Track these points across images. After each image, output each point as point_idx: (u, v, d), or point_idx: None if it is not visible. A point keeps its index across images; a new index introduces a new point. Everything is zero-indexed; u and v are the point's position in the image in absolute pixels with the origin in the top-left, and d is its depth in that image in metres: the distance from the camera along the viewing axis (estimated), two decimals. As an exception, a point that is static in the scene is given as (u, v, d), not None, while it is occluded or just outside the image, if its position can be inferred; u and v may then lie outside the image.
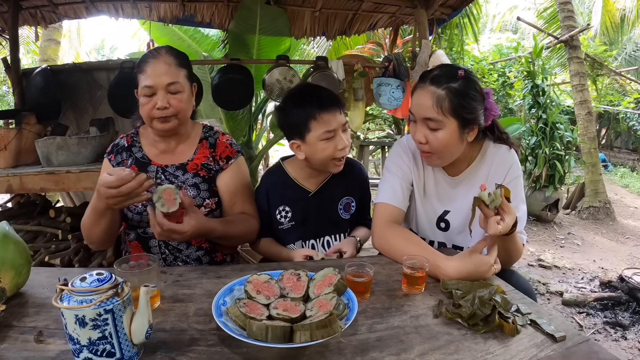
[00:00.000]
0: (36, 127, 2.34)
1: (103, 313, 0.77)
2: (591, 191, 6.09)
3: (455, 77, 1.30)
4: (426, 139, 1.32)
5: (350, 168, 1.63)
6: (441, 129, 1.30)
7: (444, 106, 1.27)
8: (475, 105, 1.31)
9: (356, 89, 3.50)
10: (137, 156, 1.50)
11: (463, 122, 1.30)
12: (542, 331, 0.94)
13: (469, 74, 1.34)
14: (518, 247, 1.30)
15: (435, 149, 1.33)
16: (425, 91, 1.31)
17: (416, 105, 1.34)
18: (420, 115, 1.32)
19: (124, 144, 1.53)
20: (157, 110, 1.38)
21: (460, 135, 1.32)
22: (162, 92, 1.38)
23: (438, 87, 1.28)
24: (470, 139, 1.36)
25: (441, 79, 1.29)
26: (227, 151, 1.55)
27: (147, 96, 1.38)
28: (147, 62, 1.39)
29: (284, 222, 1.58)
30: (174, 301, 1.06)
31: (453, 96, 1.27)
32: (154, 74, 1.37)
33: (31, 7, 3.30)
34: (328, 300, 0.93)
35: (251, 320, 0.85)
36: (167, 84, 1.38)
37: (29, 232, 2.20)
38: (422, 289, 1.12)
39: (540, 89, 5.57)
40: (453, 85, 1.28)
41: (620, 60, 12.07)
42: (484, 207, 1.13)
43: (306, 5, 3.68)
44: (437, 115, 1.28)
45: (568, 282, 3.82)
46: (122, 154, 1.50)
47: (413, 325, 0.95)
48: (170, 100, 1.39)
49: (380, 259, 1.38)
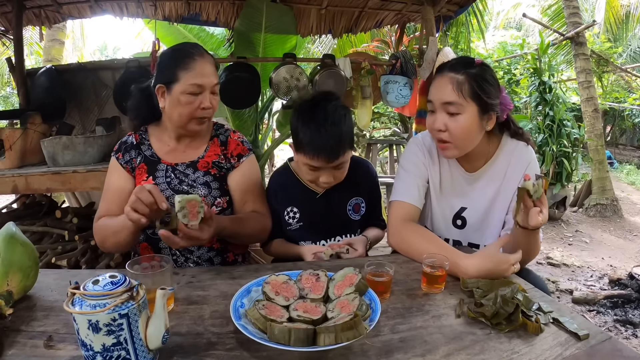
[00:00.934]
0: (41, 127, 2.31)
1: (118, 318, 0.73)
2: (598, 188, 6.05)
3: (472, 64, 1.32)
4: (446, 127, 1.31)
5: (357, 167, 1.60)
6: (461, 114, 1.29)
7: (464, 89, 1.28)
8: (493, 90, 1.31)
9: (363, 87, 3.46)
10: (146, 154, 1.47)
11: (483, 106, 1.30)
12: (565, 329, 0.92)
13: (485, 62, 1.35)
14: (538, 244, 1.29)
15: (455, 136, 1.31)
16: (445, 77, 1.31)
17: (435, 91, 1.33)
18: (440, 99, 1.31)
19: (133, 141, 1.50)
20: (201, 110, 1.36)
21: (480, 121, 1.31)
22: (207, 92, 1.36)
23: (457, 73, 1.29)
24: (489, 127, 1.35)
25: (459, 66, 1.31)
26: (239, 149, 1.53)
27: (193, 94, 1.35)
28: (194, 59, 1.35)
29: (292, 222, 1.55)
30: (188, 303, 1.03)
31: (472, 80, 1.28)
32: (204, 73, 1.35)
33: (35, 6, 3.28)
34: (350, 300, 0.90)
35: (272, 323, 0.82)
36: (215, 84, 1.38)
37: (35, 233, 2.17)
38: (442, 288, 1.09)
39: (547, 86, 5.53)
40: (471, 70, 1.29)
41: (626, 57, 11.98)
42: (527, 198, 1.11)
43: (312, 2, 3.65)
44: (457, 98, 1.28)
45: (577, 280, 3.79)
46: (130, 152, 1.47)
47: (436, 326, 0.93)
48: (212, 100, 1.38)
49: (396, 258, 1.35)
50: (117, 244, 1.32)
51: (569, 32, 6.03)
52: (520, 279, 1.19)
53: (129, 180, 1.45)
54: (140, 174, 1.45)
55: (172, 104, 1.37)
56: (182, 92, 1.34)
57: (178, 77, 1.34)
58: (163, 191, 1.40)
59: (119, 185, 1.44)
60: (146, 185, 1.15)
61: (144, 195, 1.12)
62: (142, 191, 1.12)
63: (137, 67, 2.87)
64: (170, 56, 1.40)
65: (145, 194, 1.12)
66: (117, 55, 18.80)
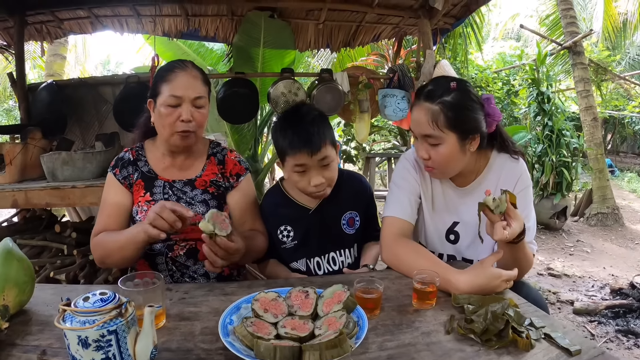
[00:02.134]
0: (42, 142, 2.34)
1: (106, 334, 0.75)
2: (599, 197, 6.04)
3: (448, 89, 1.31)
4: (428, 155, 1.34)
5: (349, 181, 1.62)
6: (441, 144, 1.30)
7: (440, 121, 1.28)
8: (472, 115, 1.31)
9: (361, 101, 3.49)
10: (143, 170, 1.48)
11: (462, 133, 1.30)
12: (556, 345, 0.92)
13: (462, 84, 1.34)
14: (528, 258, 1.28)
15: (438, 164, 1.34)
16: (421, 108, 1.32)
17: (414, 122, 1.36)
18: (419, 132, 1.34)
19: (130, 157, 1.50)
20: (180, 122, 1.35)
21: (462, 147, 1.32)
22: (188, 105, 1.36)
23: (432, 103, 1.29)
24: (473, 149, 1.35)
25: (434, 94, 1.30)
26: (237, 168, 1.55)
27: (171, 106, 1.35)
28: (174, 72, 1.38)
29: (287, 241, 1.55)
30: (179, 319, 1.04)
31: (447, 110, 1.28)
32: (182, 85, 1.36)
33: (37, 22, 3.33)
34: (337, 318, 0.91)
35: (259, 340, 0.83)
36: (195, 97, 1.37)
37: (35, 247, 2.19)
38: (433, 304, 1.10)
39: (545, 96, 5.56)
40: (446, 98, 1.29)
41: (624, 65, 12.05)
42: (489, 212, 1.12)
43: (310, 17, 3.69)
44: (433, 131, 1.29)
45: (578, 291, 3.77)
46: (127, 168, 1.47)
47: (424, 342, 0.93)
48: (194, 114, 1.37)
49: (389, 274, 1.36)
50: (123, 259, 1.33)
51: (567, 42, 6.07)
52: (513, 293, 1.19)
53: (126, 196, 1.45)
54: (138, 190, 1.45)
55: (156, 117, 1.39)
56: (162, 104, 1.36)
57: (160, 90, 1.37)
58: None
59: (116, 201, 1.44)
60: (166, 203, 1.19)
61: (165, 214, 1.16)
62: (164, 210, 1.17)
63: (136, 82, 2.91)
64: (158, 72, 1.44)
65: (167, 212, 1.16)
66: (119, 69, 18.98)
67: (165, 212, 1.16)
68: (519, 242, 1.18)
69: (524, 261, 1.26)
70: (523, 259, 1.25)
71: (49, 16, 3.28)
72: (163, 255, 1.43)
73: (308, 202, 1.56)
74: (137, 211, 1.43)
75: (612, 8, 10.16)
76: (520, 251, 1.23)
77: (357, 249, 1.63)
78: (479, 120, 1.33)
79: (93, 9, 3.28)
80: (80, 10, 3.30)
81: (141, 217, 1.41)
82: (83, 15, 3.35)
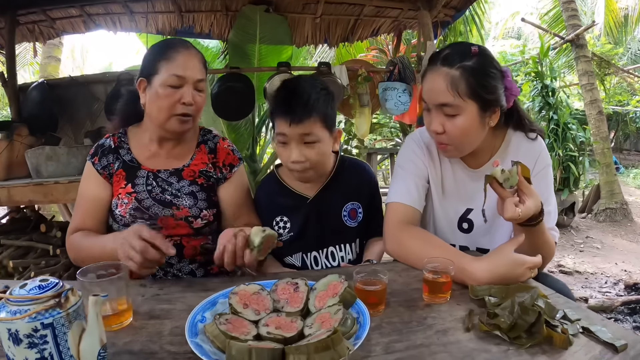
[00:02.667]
0: (28, 139, 2.25)
1: (40, 328, 0.62)
2: (607, 192, 5.91)
3: (468, 54, 1.15)
4: (443, 128, 1.17)
5: (353, 169, 1.49)
6: (459, 115, 1.14)
7: (461, 88, 1.12)
8: (494, 84, 1.16)
9: (361, 94, 3.39)
10: (124, 159, 1.35)
11: (483, 104, 1.15)
12: (597, 340, 0.78)
13: (483, 49, 1.19)
14: (549, 245, 1.14)
15: (454, 139, 1.17)
16: (437, 74, 1.16)
17: (429, 91, 1.18)
18: (435, 101, 1.17)
19: (111, 144, 1.36)
20: (181, 105, 1.24)
21: (482, 119, 1.17)
22: (190, 87, 1.25)
23: (451, 68, 1.14)
24: (492, 124, 1.21)
25: (453, 58, 1.15)
26: (230, 158, 1.43)
27: (173, 87, 1.23)
28: (177, 50, 1.25)
29: (283, 233, 1.43)
30: (148, 318, 0.91)
31: (469, 75, 1.12)
32: (187, 65, 1.24)
33: (29, 22, 3.28)
34: (332, 314, 0.76)
35: (232, 341, 0.68)
36: (198, 79, 1.26)
37: (20, 247, 2.10)
38: (447, 297, 0.96)
39: (549, 89, 5.44)
40: (468, 63, 1.14)
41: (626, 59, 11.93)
42: (498, 186, 1.00)
43: (306, 11, 3.61)
44: (453, 99, 1.13)
45: (592, 288, 3.64)
46: (107, 157, 1.34)
47: (441, 343, 0.79)
48: (195, 97, 1.26)
49: (395, 266, 1.21)
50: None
51: (569, 35, 5.97)
52: (537, 283, 1.06)
53: (105, 189, 1.33)
54: (119, 180, 1.33)
55: (152, 99, 1.26)
56: (162, 84, 1.23)
57: (158, 69, 1.24)
58: (144, 200, 1.30)
59: (94, 194, 1.32)
60: (143, 231, 1.02)
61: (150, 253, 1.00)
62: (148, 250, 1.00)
63: (128, 79, 2.81)
64: (153, 49, 1.31)
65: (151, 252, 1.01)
66: (119, 74, 18.92)
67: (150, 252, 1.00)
68: (536, 224, 1.05)
69: (544, 249, 1.11)
70: (543, 246, 1.11)
71: (40, 15, 3.23)
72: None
73: (306, 190, 1.44)
74: (117, 204, 1.30)
75: (613, 3, 10.08)
76: (539, 237, 1.09)
77: (359, 244, 1.50)
78: (500, 91, 1.18)
79: (85, 7, 3.23)
80: (73, 9, 3.25)
81: (121, 211, 1.29)
82: (75, 14, 3.30)
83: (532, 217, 1.04)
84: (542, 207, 1.06)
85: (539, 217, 1.05)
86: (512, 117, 1.29)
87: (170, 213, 1.29)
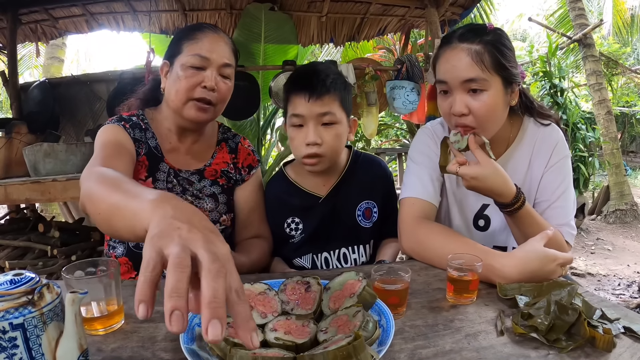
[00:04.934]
0: (27, 137, 2.20)
1: (8, 328, 0.53)
2: (616, 194, 5.82)
3: (485, 30, 1.10)
4: (468, 109, 1.08)
5: (368, 165, 1.40)
6: (486, 91, 1.07)
7: (486, 61, 1.05)
8: (514, 58, 1.12)
9: (368, 93, 3.33)
10: (150, 144, 1.20)
11: (506, 78, 1.09)
12: None
13: (496, 27, 1.14)
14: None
15: (481, 119, 1.08)
16: (457, 50, 1.08)
17: (450, 68, 1.09)
18: (458, 78, 1.08)
19: (138, 123, 1.19)
20: (201, 89, 1.12)
21: (505, 97, 1.11)
22: (214, 70, 1.13)
23: (472, 43, 1.07)
24: (513, 102, 1.14)
25: (471, 35, 1.09)
26: (250, 159, 1.34)
27: (194, 68, 1.11)
28: (204, 32, 1.15)
29: (296, 235, 1.35)
30: (142, 321, 0.81)
31: (492, 48, 1.06)
32: (213, 47, 1.13)
33: (31, 21, 3.24)
34: (350, 316, 0.69)
35: (234, 349, 0.60)
36: (224, 63, 1.15)
37: (18, 248, 2.03)
38: (474, 297, 0.88)
39: (558, 89, 5.35)
40: (487, 37, 1.08)
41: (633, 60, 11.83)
42: (452, 147, 1.08)
43: (312, 10, 3.56)
44: (480, 72, 1.05)
45: (605, 290, 3.56)
46: (135, 130, 1.17)
47: (472, 348, 0.71)
48: (219, 83, 1.14)
49: (412, 264, 1.13)
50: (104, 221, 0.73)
51: (577, 34, 5.89)
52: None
53: (133, 158, 1.12)
54: (140, 169, 1.18)
55: (172, 81, 1.15)
56: (184, 64, 1.12)
57: (182, 49, 1.14)
58: None
59: (121, 142, 1.11)
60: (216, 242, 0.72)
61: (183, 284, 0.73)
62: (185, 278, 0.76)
63: (131, 78, 2.78)
64: (180, 31, 1.23)
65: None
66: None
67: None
68: (512, 211, 1.04)
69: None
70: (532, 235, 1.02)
71: (43, 14, 3.20)
72: None
73: (317, 188, 1.36)
74: None
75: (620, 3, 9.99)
76: (526, 226, 1.06)
77: (373, 246, 1.42)
78: (517, 66, 1.13)
79: (88, 6, 3.19)
80: (75, 8, 3.21)
81: None
82: (78, 13, 3.26)
83: (505, 204, 1.05)
84: (520, 196, 1.05)
85: (513, 205, 1.04)
86: (528, 106, 1.23)
87: None
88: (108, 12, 3.30)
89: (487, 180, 1.02)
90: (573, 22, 6.13)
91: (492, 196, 1.07)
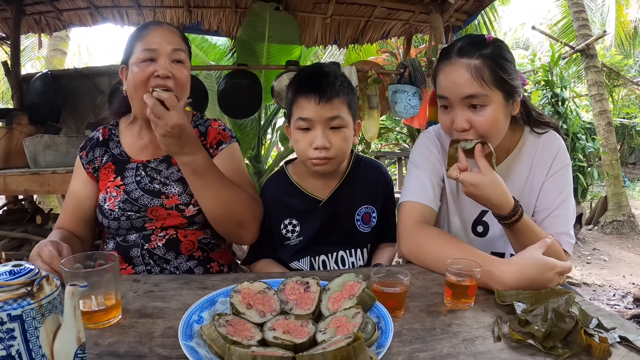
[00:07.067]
0: (28, 128, 2.20)
1: (7, 320, 0.52)
2: (614, 204, 5.83)
3: (484, 42, 1.10)
4: (470, 124, 1.09)
5: (368, 169, 1.39)
6: (487, 106, 1.07)
7: (486, 76, 1.05)
8: (514, 69, 1.11)
9: (370, 96, 3.34)
10: (113, 152, 1.29)
11: (507, 91, 1.09)
12: (637, 350, 0.71)
13: (496, 38, 1.14)
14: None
15: (483, 133, 1.09)
16: (457, 66, 1.08)
17: (450, 84, 1.10)
18: (459, 94, 1.08)
19: (99, 137, 1.32)
20: (155, 78, 1.15)
21: (506, 110, 1.11)
22: (165, 59, 1.17)
23: (471, 58, 1.07)
24: (515, 112, 1.14)
25: (470, 48, 1.08)
26: (219, 137, 1.34)
27: (145, 61, 1.15)
28: (149, 28, 1.21)
29: (291, 237, 1.33)
30: (139, 316, 0.82)
31: (491, 63, 1.06)
32: (158, 39, 1.17)
33: (35, 12, 3.24)
34: (350, 317, 0.69)
35: (232, 347, 0.60)
36: (173, 49, 1.17)
37: (15, 239, 2.03)
38: (471, 302, 0.89)
39: (559, 98, 5.37)
40: (486, 51, 1.07)
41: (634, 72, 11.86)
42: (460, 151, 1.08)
43: (317, 11, 3.57)
44: (480, 88, 1.05)
45: (600, 300, 3.56)
46: (94, 151, 1.30)
47: (469, 352, 0.71)
48: (173, 69, 1.17)
49: (411, 268, 1.13)
50: None
51: (580, 45, 5.91)
52: None
53: (86, 185, 1.28)
54: (107, 174, 1.28)
55: (128, 83, 1.19)
56: (135, 61, 1.17)
57: (133, 50, 1.19)
58: (132, 192, 1.23)
59: (76, 190, 1.29)
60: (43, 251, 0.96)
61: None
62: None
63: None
64: (130, 35, 1.26)
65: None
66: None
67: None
68: (510, 224, 1.04)
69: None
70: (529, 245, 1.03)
71: (47, 6, 3.19)
72: (139, 247, 1.22)
73: (318, 191, 1.34)
74: (105, 198, 1.23)
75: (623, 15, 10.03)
76: (520, 234, 1.06)
77: (370, 250, 1.41)
78: (518, 77, 1.13)
79: None
80: (80, 1, 3.21)
81: (109, 205, 1.22)
82: (82, 5, 3.26)
83: (502, 215, 1.04)
84: (518, 209, 1.04)
85: (510, 217, 1.04)
86: (528, 115, 1.23)
87: (159, 203, 1.21)
88: (113, 5, 3.30)
89: (486, 189, 1.03)
90: (576, 32, 6.15)
91: (489, 206, 1.07)
